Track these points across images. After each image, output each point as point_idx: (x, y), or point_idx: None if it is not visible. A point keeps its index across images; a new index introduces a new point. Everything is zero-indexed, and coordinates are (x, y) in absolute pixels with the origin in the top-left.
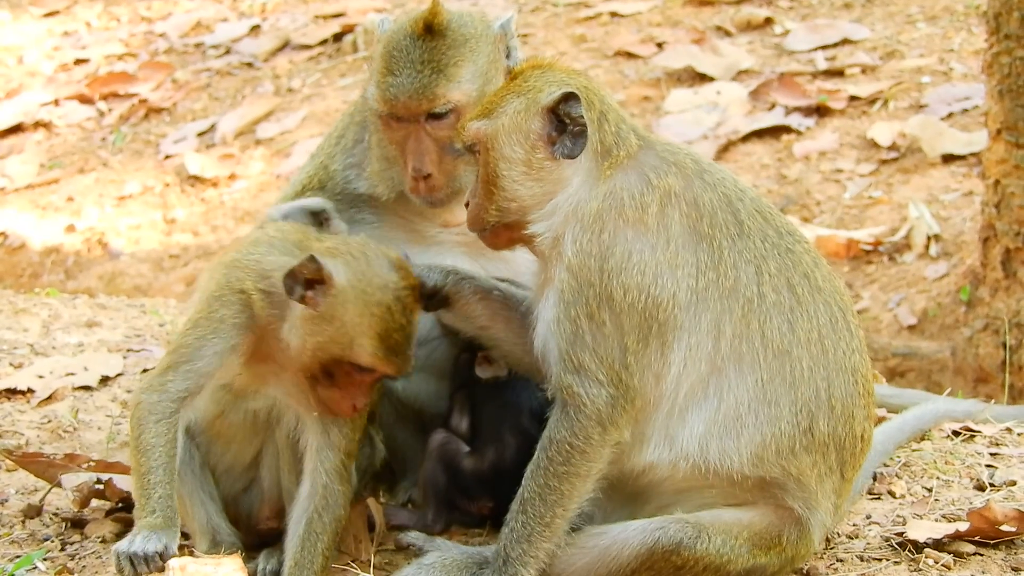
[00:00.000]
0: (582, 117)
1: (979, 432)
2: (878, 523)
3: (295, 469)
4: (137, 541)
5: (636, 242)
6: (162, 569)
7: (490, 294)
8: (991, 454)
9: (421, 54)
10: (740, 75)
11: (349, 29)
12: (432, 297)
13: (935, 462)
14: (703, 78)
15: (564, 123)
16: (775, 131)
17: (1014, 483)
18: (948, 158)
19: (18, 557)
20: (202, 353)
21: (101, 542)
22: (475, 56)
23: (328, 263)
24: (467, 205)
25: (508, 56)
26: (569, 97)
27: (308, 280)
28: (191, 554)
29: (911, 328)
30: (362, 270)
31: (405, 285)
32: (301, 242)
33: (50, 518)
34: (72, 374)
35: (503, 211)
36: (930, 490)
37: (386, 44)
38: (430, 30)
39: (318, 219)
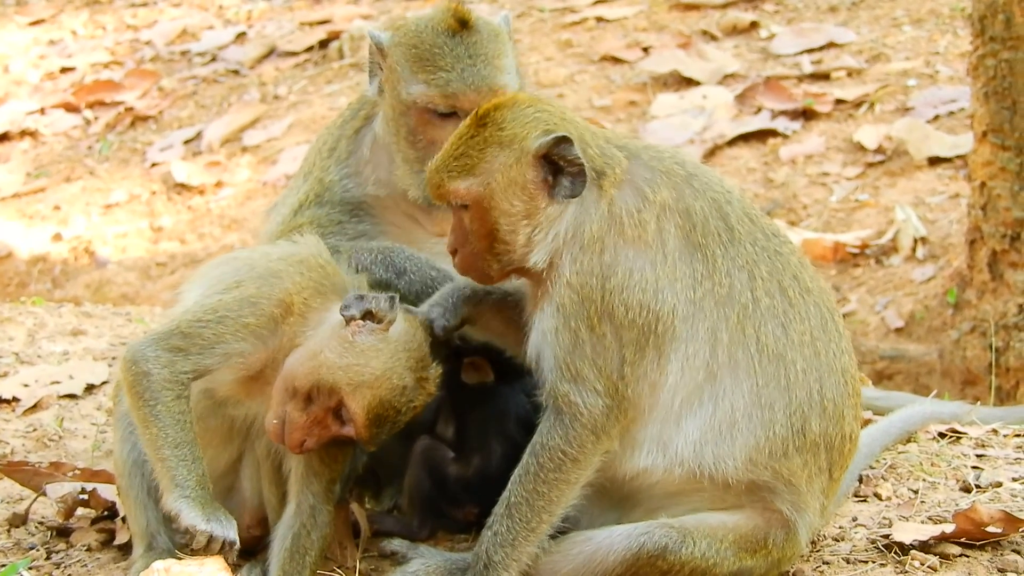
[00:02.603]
0: (578, 158)
1: (965, 434)
2: (864, 525)
3: (275, 481)
4: (224, 524)
5: (637, 260)
6: (229, 555)
7: (505, 301)
8: (977, 456)
9: (467, 48)
10: (726, 79)
11: (335, 36)
12: (459, 326)
13: (921, 464)
14: (689, 82)
15: (558, 164)
16: (761, 135)
17: (1000, 484)
18: (934, 161)
19: (3, 566)
20: (215, 351)
21: (87, 550)
22: (507, 48)
23: (399, 316)
24: (453, 253)
25: None
26: (560, 141)
27: (369, 311)
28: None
29: (898, 331)
30: (410, 344)
31: (425, 390)
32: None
33: (35, 527)
34: (57, 383)
35: (505, 262)
36: (916, 492)
37: (416, 45)
38: (465, 25)
39: None
